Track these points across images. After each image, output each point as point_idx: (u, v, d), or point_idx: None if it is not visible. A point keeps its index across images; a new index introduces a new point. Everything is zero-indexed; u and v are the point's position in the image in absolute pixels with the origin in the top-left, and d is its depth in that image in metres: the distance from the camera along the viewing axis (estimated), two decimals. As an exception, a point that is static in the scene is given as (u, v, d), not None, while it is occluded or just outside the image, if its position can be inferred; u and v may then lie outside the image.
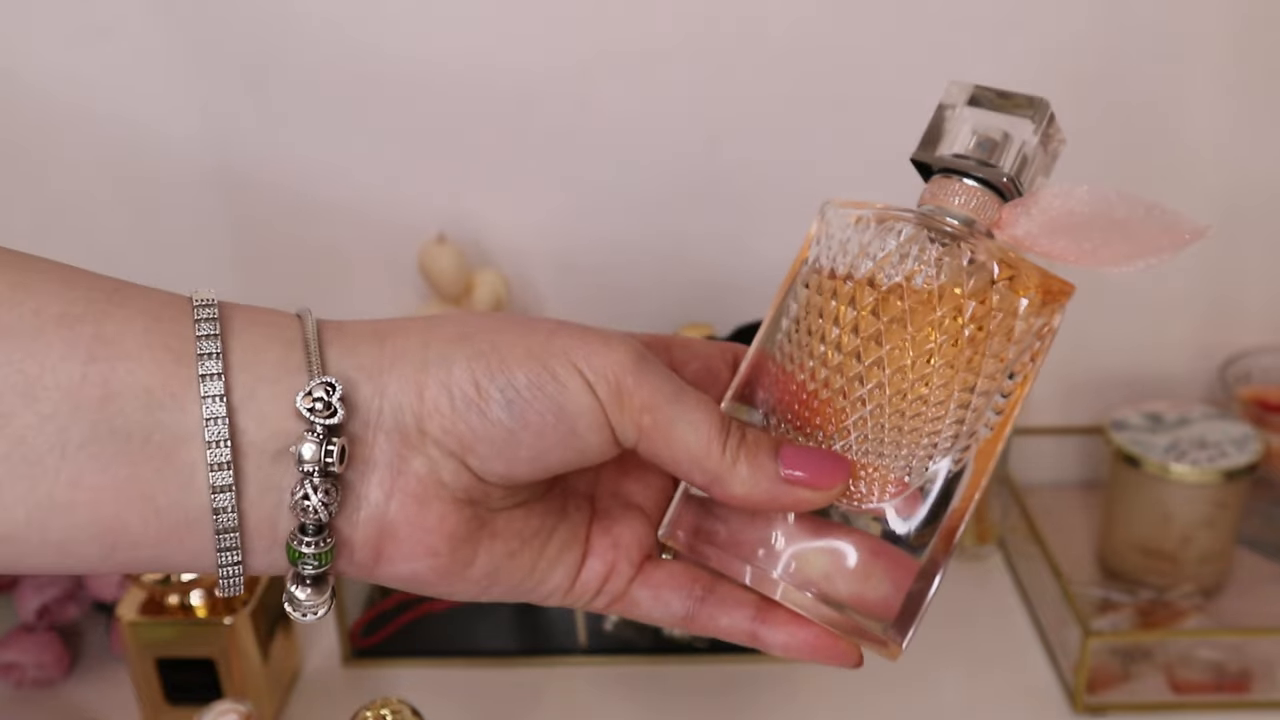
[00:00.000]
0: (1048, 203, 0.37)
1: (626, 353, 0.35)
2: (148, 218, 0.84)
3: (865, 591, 0.37)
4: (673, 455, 0.35)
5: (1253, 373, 0.88)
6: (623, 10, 0.79)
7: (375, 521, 0.34)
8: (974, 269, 0.34)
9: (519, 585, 0.37)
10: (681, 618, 0.38)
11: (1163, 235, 0.37)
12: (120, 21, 0.78)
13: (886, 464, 0.36)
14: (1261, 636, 0.74)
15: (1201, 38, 0.80)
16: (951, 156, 0.37)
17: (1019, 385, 0.36)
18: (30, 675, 0.73)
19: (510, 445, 0.34)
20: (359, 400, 0.33)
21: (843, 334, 0.35)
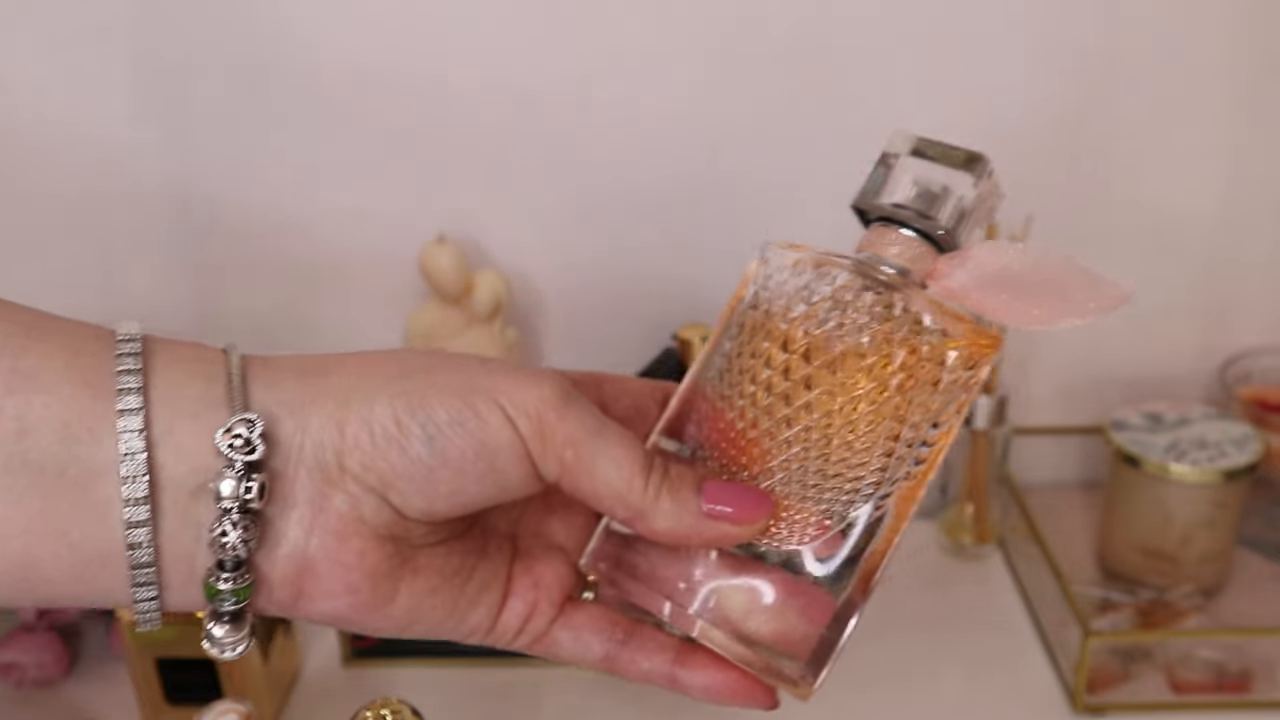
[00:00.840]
0: (982, 258, 0.37)
1: (551, 389, 0.35)
2: (145, 216, 0.84)
3: (782, 630, 0.37)
4: (595, 490, 0.35)
5: (1253, 373, 0.88)
6: (623, 12, 0.79)
7: (295, 558, 0.34)
8: (906, 319, 0.35)
9: (441, 623, 0.37)
10: (601, 659, 0.38)
11: (1092, 297, 0.38)
12: (114, 22, 0.78)
13: (809, 506, 0.36)
14: (1261, 636, 0.74)
15: (1202, 38, 0.80)
16: (891, 206, 0.37)
17: (943, 435, 0.36)
18: (30, 675, 0.73)
19: (430, 481, 0.34)
20: (281, 436, 0.33)
21: (774, 376, 0.35)
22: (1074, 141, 0.83)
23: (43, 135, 0.82)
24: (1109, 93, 0.81)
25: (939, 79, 0.81)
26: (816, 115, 0.82)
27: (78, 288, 0.85)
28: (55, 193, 0.83)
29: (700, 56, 0.80)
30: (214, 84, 0.80)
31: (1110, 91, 0.81)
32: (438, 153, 0.83)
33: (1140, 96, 0.82)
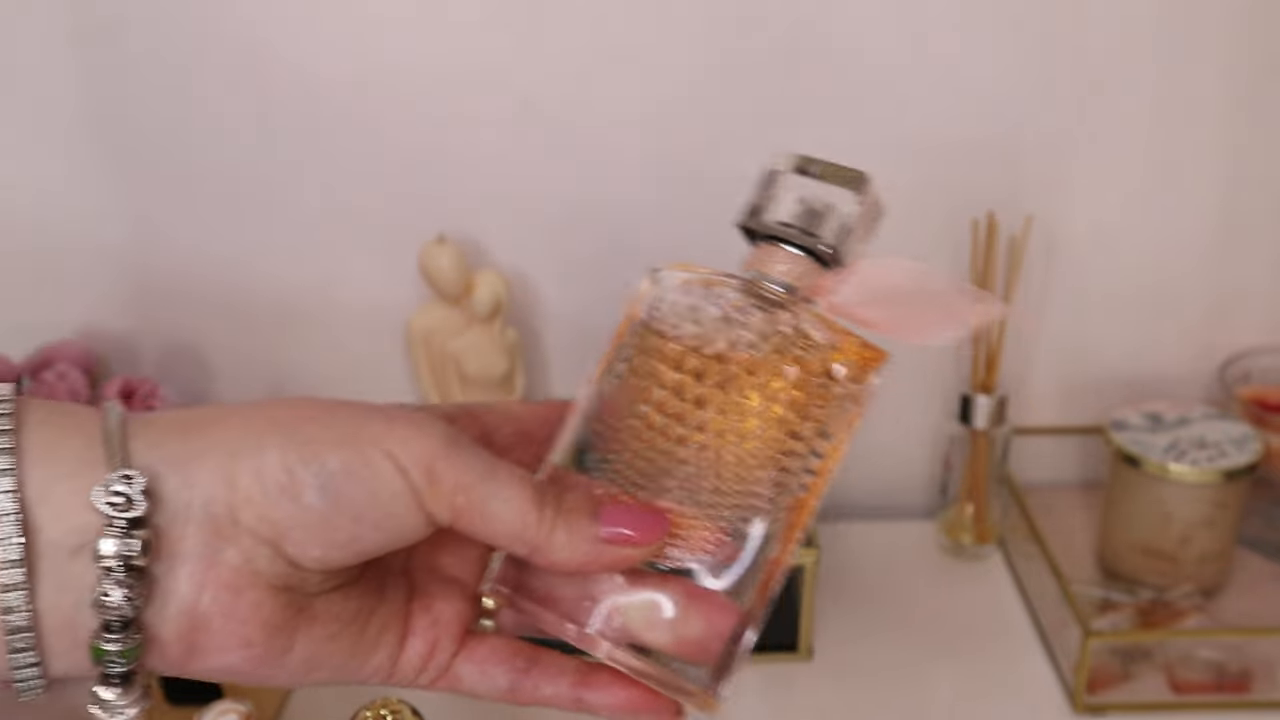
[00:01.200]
0: (867, 273, 0.38)
1: (436, 436, 0.35)
2: (139, 202, 0.84)
3: (684, 643, 0.37)
4: (490, 531, 0.35)
5: (1252, 373, 0.88)
6: (623, 12, 0.79)
7: (186, 615, 0.33)
8: (794, 335, 0.36)
9: (340, 668, 0.36)
10: (506, 690, 0.38)
11: (963, 312, 0.38)
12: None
13: (707, 521, 0.36)
14: (1261, 636, 0.74)
15: (1202, 38, 0.80)
16: (777, 224, 0.38)
17: (834, 446, 0.37)
18: (30, 675, 0.73)
19: (326, 530, 0.33)
20: (166, 493, 0.33)
21: (666, 396, 0.36)
22: (1074, 141, 0.83)
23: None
24: (1109, 92, 0.81)
25: (938, 80, 0.81)
26: (815, 116, 0.82)
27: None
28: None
29: (700, 57, 0.80)
30: (212, 82, 0.80)
31: (1110, 91, 0.81)
32: (438, 153, 0.83)
33: (1140, 96, 0.82)
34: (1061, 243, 0.86)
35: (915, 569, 0.85)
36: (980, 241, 0.81)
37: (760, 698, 0.74)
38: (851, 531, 0.89)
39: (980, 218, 0.81)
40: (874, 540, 0.88)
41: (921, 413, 0.91)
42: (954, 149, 0.83)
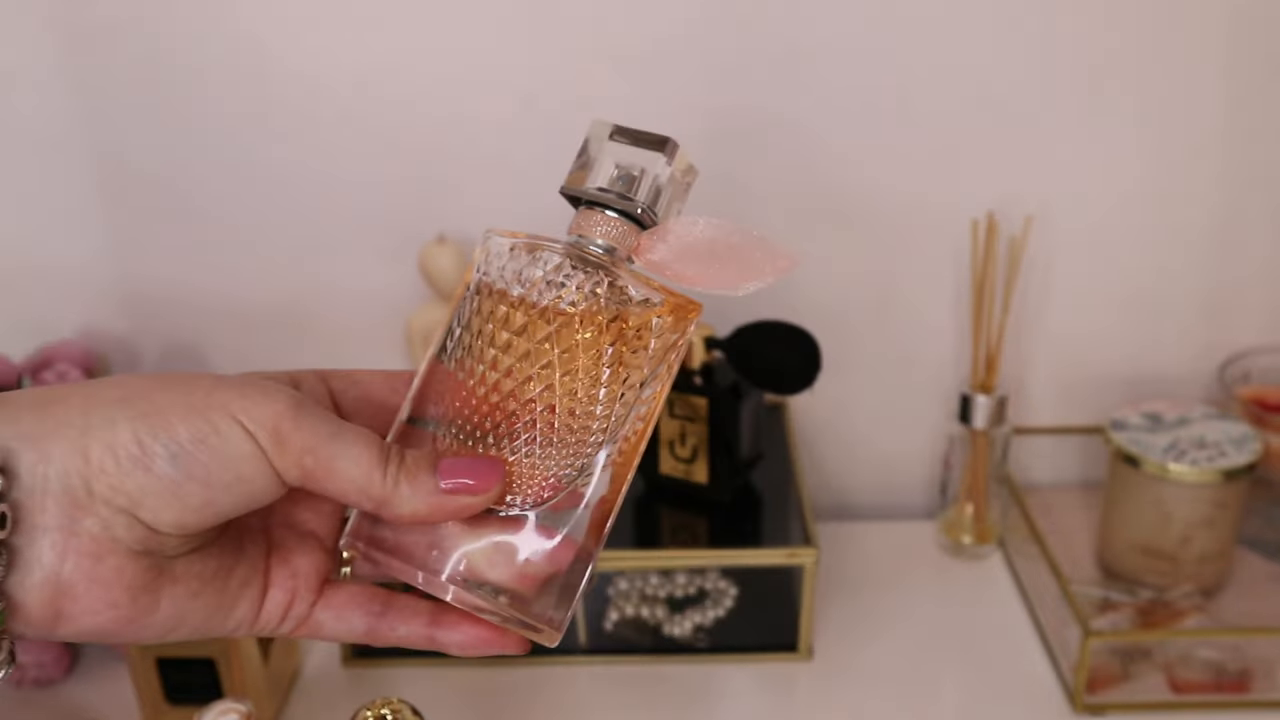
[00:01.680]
0: (678, 233, 0.41)
1: (283, 400, 0.37)
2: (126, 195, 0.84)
3: (525, 581, 0.40)
4: (339, 488, 0.37)
5: (1252, 373, 0.88)
6: (623, 11, 0.79)
7: (50, 583, 0.34)
8: (613, 293, 0.39)
9: (205, 623, 0.38)
10: (363, 633, 0.41)
11: (766, 261, 0.41)
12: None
13: (543, 466, 0.39)
14: (1261, 636, 0.74)
15: (1202, 38, 0.80)
16: (595, 190, 0.41)
17: (657, 393, 0.41)
18: (30, 675, 0.73)
19: (179, 496, 0.35)
20: (21, 468, 0.34)
21: (498, 354, 0.39)
22: (1074, 141, 0.83)
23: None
24: (1109, 92, 0.82)
25: (938, 80, 0.81)
26: (815, 117, 0.82)
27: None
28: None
29: (699, 57, 0.80)
30: (212, 83, 0.80)
31: (1110, 91, 0.82)
32: (438, 153, 0.83)
33: (1140, 96, 0.82)
34: (1061, 243, 0.86)
35: (915, 569, 0.85)
36: (980, 241, 0.81)
37: (760, 698, 0.74)
38: (851, 531, 0.89)
39: (980, 218, 0.81)
40: (874, 540, 0.88)
41: (921, 413, 0.91)
42: (954, 149, 0.83)
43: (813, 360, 0.75)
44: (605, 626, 0.78)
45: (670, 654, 0.77)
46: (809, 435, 0.92)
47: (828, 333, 0.78)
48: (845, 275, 0.87)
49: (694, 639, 0.77)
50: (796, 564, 0.74)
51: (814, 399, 0.87)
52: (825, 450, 0.93)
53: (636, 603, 0.79)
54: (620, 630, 0.78)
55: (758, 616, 0.79)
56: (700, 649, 0.77)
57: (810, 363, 0.75)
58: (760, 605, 0.79)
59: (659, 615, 0.78)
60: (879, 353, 0.90)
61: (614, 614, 0.78)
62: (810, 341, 0.75)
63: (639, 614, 0.78)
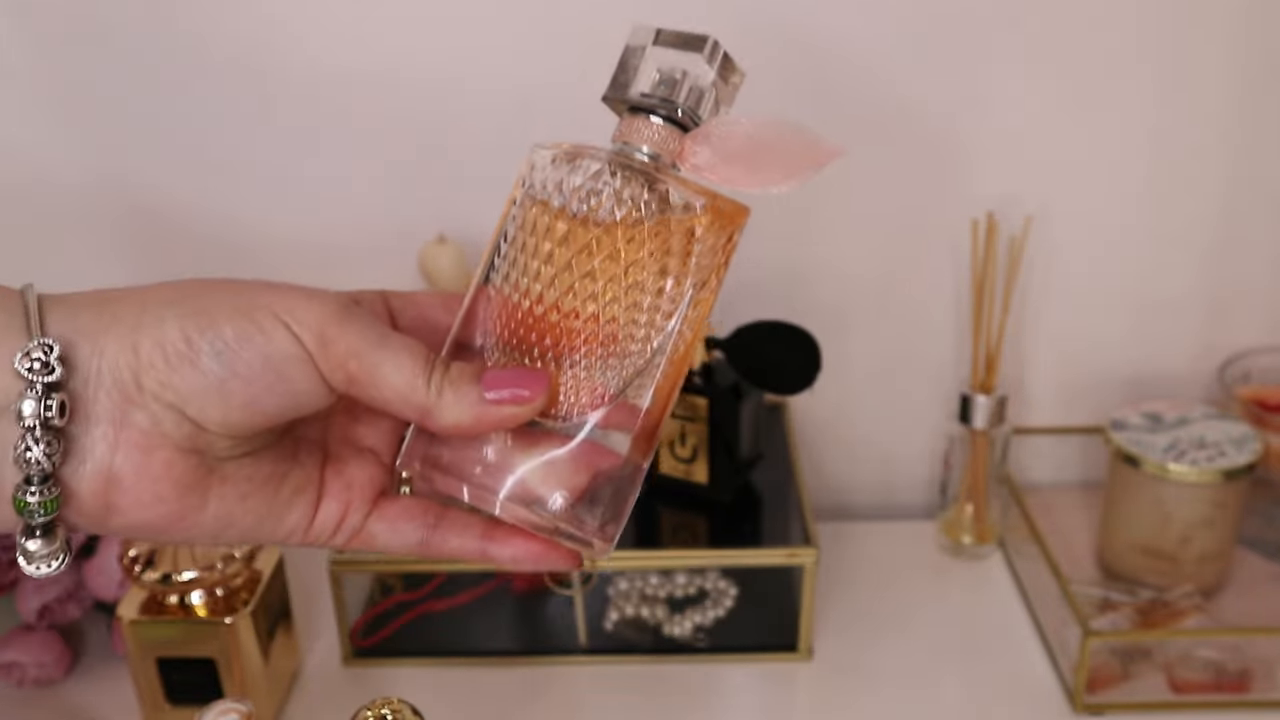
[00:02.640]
0: (720, 134, 0.40)
1: (330, 304, 0.37)
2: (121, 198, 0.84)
3: (574, 497, 0.40)
4: (383, 396, 0.38)
5: (1252, 373, 0.88)
6: (623, 11, 0.79)
7: (102, 473, 0.36)
8: (655, 199, 0.38)
9: (255, 527, 0.39)
10: (416, 545, 0.41)
11: (808, 155, 0.40)
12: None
13: (589, 378, 0.39)
14: (1261, 636, 0.74)
15: (1202, 38, 0.80)
16: (637, 95, 0.40)
17: (705, 300, 0.40)
18: (31, 675, 0.73)
19: (223, 393, 0.36)
20: (78, 360, 0.35)
21: (541, 266, 0.39)
22: (1075, 141, 0.83)
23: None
24: (1109, 92, 0.82)
25: (938, 81, 0.81)
26: (815, 119, 0.81)
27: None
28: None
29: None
30: (210, 82, 0.80)
31: (1111, 91, 0.81)
32: (438, 152, 0.83)
33: (1141, 96, 0.82)
34: (1061, 243, 0.86)
35: (915, 569, 0.85)
36: (980, 241, 0.81)
37: (760, 698, 0.74)
38: (851, 531, 0.89)
39: (980, 218, 0.81)
40: (874, 540, 0.88)
41: (921, 413, 0.92)
42: (954, 149, 0.83)
43: (813, 360, 0.75)
44: (605, 626, 0.78)
45: (670, 654, 0.77)
46: (809, 435, 0.92)
47: (828, 333, 0.78)
48: (845, 275, 0.87)
49: (694, 639, 0.77)
50: (796, 564, 0.74)
51: (814, 399, 0.87)
52: (825, 450, 0.93)
53: (636, 603, 0.79)
54: (620, 630, 0.78)
55: (758, 616, 0.79)
56: (700, 649, 0.77)
57: (810, 363, 0.75)
58: (760, 605, 0.79)
59: (659, 615, 0.78)
60: (879, 353, 0.90)
61: (614, 614, 0.78)
62: (810, 341, 0.75)
63: (639, 614, 0.78)
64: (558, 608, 0.79)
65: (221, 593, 0.68)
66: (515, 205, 0.40)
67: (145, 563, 0.66)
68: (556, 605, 0.79)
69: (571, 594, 0.76)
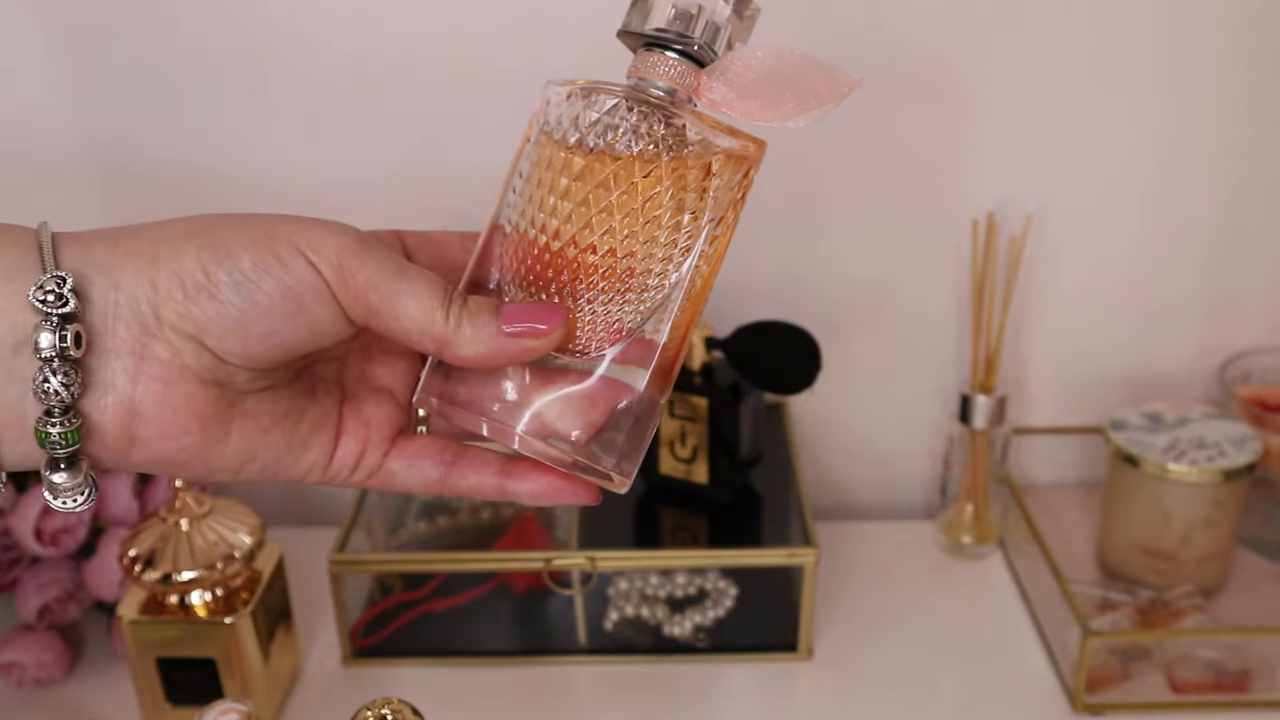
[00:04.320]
0: (737, 68, 0.40)
1: (349, 235, 0.38)
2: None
3: (593, 430, 0.40)
4: (401, 327, 0.38)
5: (1252, 373, 0.88)
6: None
7: (123, 405, 0.36)
8: (671, 134, 0.38)
9: (276, 462, 0.39)
10: (435, 482, 0.41)
11: (826, 87, 0.39)
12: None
13: (605, 313, 0.39)
14: (1261, 636, 0.74)
15: (1202, 38, 0.80)
16: (652, 31, 0.40)
17: (722, 236, 0.40)
18: (31, 675, 0.73)
19: (242, 324, 0.36)
20: (94, 293, 0.35)
21: (557, 201, 0.38)
22: (1074, 141, 0.83)
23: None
24: (1109, 92, 0.82)
25: (938, 81, 0.81)
26: (817, 123, 0.82)
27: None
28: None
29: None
30: (211, 81, 0.80)
31: (1111, 91, 0.82)
32: (438, 152, 0.83)
33: (1141, 97, 0.82)
34: (1061, 243, 0.86)
35: (915, 569, 0.85)
36: (980, 241, 0.81)
37: (760, 698, 0.74)
38: (851, 531, 0.89)
39: (980, 218, 0.81)
40: (874, 540, 0.88)
41: (921, 413, 0.92)
42: (954, 149, 0.83)
43: (813, 360, 0.75)
44: (605, 626, 0.78)
45: (670, 654, 0.77)
46: (809, 435, 0.92)
47: (828, 333, 0.78)
48: (845, 275, 0.87)
49: (694, 639, 0.77)
50: (796, 564, 0.74)
51: (814, 399, 0.87)
52: (825, 450, 0.93)
53: (636, 603, 0.79)
54: (620, 630, 0.78)
55: (758, 616, 0.79)
56: (700, 649, 0.77)
57: (810, 363, 0.75)
58: (760, 605, 0.79)
59: (659, 615, 0.78)
60: (879, 353, 0.90)
61: (614, 614, 0.78)
62: (810, 341, 0.75)
63: (639, 614, 0.78)
64: (558, 608, 0.79)
65: (221, 593, 0.68)
66: (529, 142, 0.40)
67: (145, 563, 0.66)
68: (556, 605, 0.79)
69: (571, 594, 0.76)
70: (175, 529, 0.67)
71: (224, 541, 0.67)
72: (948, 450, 0.86)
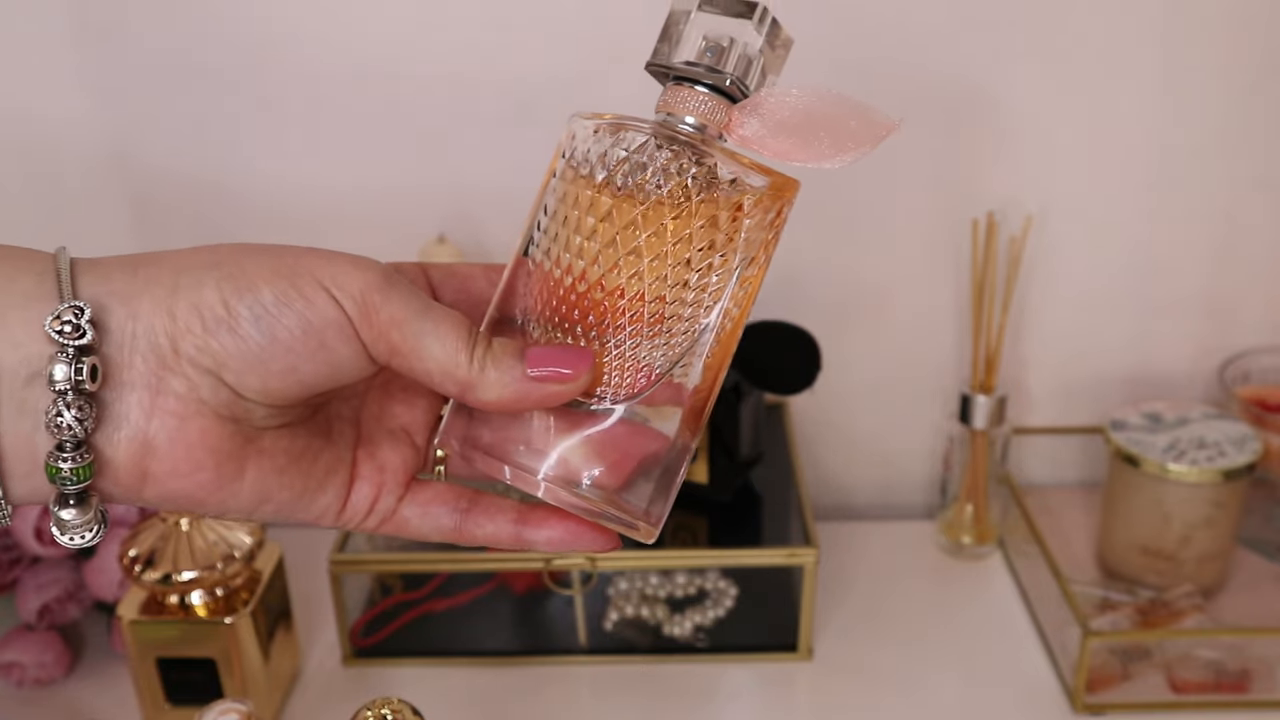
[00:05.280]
0: (770, 105, 0.38)
1: (373, 272, 0.36)
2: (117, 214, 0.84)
3: (618, 478, 0.39)
4: (425, 368, 0.37)
5: (1252, 373, 0.88)
6: (623, 11, 0.79)
7: (137, 440, 0.35)
8: (702, 172, 0.37)
9: (290, 505, 0.38)
10: (450, 530, 0.40)
11: (864, 129, 0.38)
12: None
13: (633, 357, 0.38)
14: (1261, 636, 0.74)
15: (1203, 38, 0.80)
16: (682, 64, 0.38)
17: (753, 278, 0.38)
18: (31, 675, 0.73)
19: (262, 360, 0.35)
20: (112, 324, 0.34)
21: (584, 241, 0.37)
22: (1074, 141, 0.83)
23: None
24: (1110, 92, 0.82)
25: (937, 81, 0.81)
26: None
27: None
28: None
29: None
30: (211, 81, 0.80)
31: (1111, 91, 0.82)
32: (438, 152, 0.83)
33: (1141, 97, 0.82)
34: (1061, 243, 0.86)
35: (915, 569, 0.85)
36: (980, 241, 0.81)
37: (760, 698, 0.74)
38: (851, 531, 0.89)
39: (980, 218, 0.81)
40: (874, 540, 0.88)
41: (921, 413, 0.92)
42: (954, 149, 0.83)
43: (813, 360, 0.75)
44: (605, 626, 0.78)
45: (670, 654, 0.77)
46: (809, 435, 0.92)
47: (828, 333, 0.78)
48: (845, 275, 0.87)
49: (694, 639, 0.77)
50: (796, 564, 0.74)
51: (814, 399, 0.87)
52: (825, 450, 0.93)
53: (636, 603, 0.79)
54: (620, 630, 0.78)
55: (758, 616, 0.79)
56: (700, 649, 0.77)
57: (810, 363, 0.75)
58: (760, 605, 0.79)
59: (659, 615, 0.78)
60: (879, 352, 0.90)
61: (614, 614, 0.78)
62: (810, 341, 0.75)
63: (639, 614, 0.78)
64: (558, 608, 0.79)
65: (221, 593, 0.68)
66: (555, 177, 0.39)
67: (145, 563, 0.66)
68: (556, 605, 0.79)
69: (571, 594, 0.76)
70: (175, 529, 0.67)
71: (224, 541, 0.67)
72: (948, 450, 0.86)
